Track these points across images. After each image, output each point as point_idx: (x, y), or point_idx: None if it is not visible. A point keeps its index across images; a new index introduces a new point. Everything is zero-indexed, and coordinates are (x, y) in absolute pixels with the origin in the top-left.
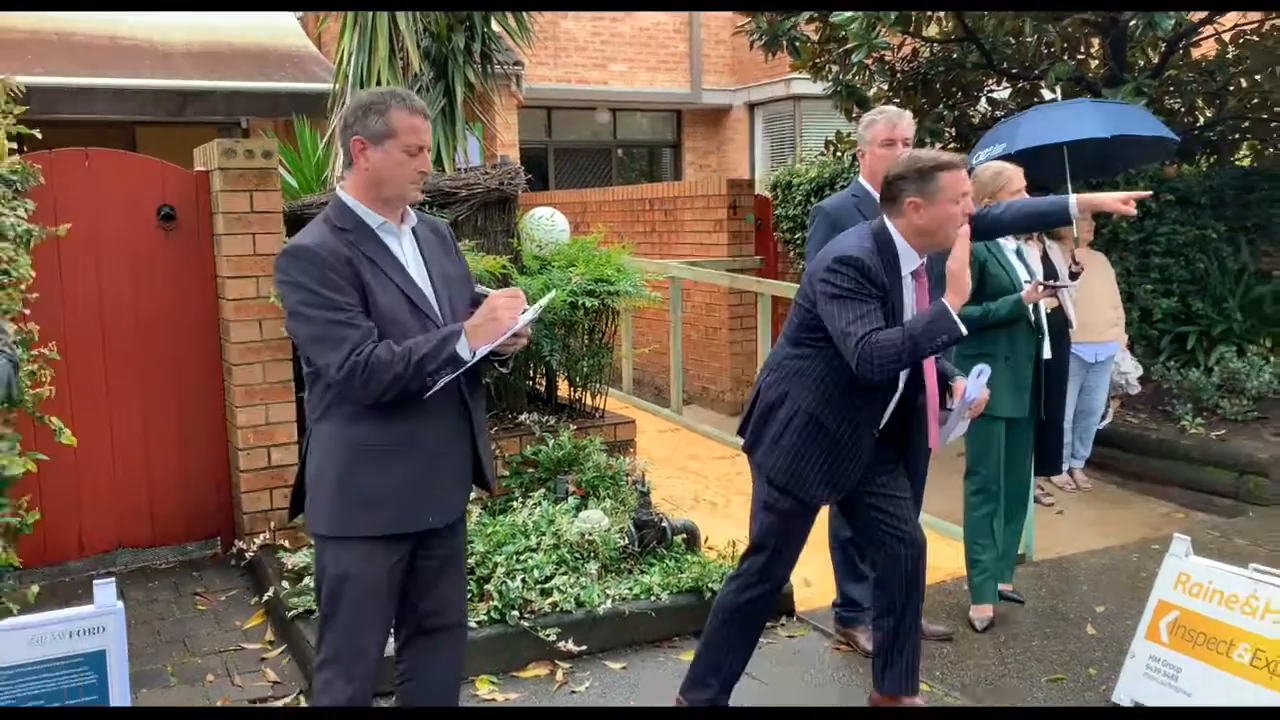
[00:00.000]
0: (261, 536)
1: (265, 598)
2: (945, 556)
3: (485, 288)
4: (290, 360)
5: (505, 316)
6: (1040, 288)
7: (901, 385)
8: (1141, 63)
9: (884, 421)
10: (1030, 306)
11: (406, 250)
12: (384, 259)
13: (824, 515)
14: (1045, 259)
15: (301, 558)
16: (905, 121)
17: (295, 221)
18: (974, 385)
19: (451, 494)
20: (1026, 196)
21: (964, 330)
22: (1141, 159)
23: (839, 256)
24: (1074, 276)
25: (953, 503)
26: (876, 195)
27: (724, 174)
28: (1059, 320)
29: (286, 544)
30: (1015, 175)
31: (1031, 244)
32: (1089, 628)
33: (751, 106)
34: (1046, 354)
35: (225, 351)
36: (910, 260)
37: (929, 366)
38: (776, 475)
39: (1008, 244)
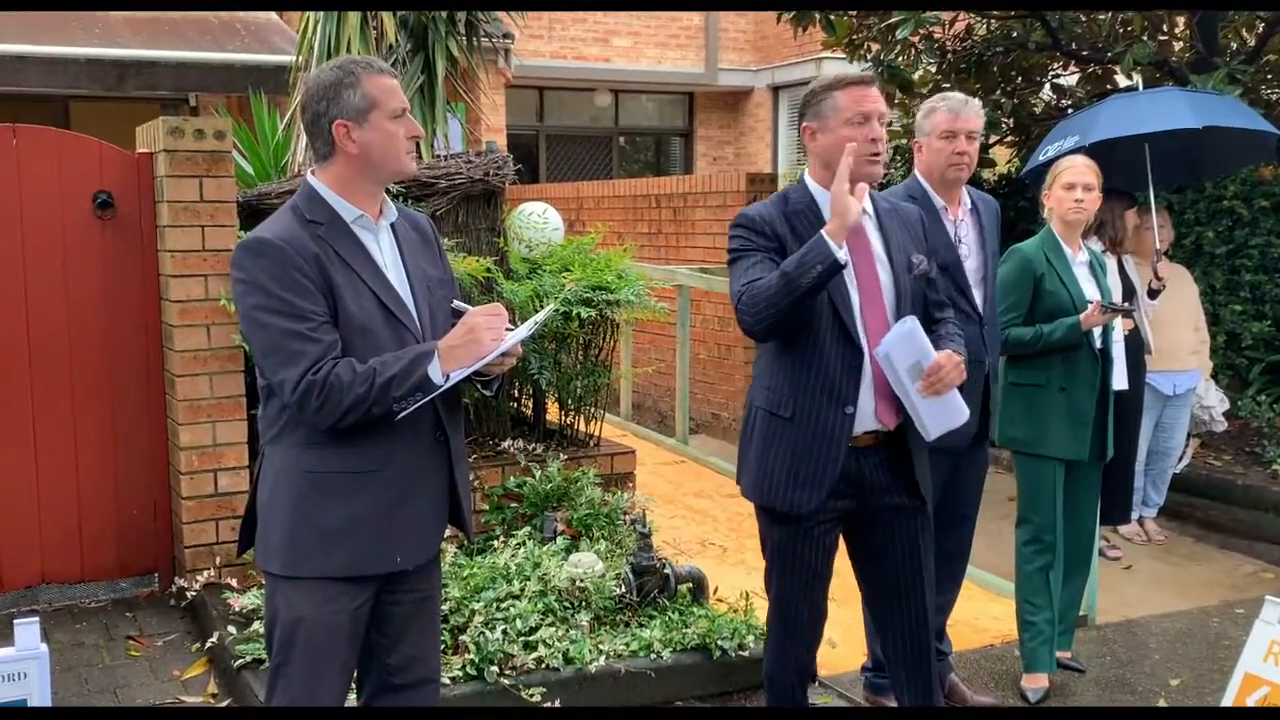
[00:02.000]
0: (205, 573)
1: (208, 644)
2: (994, 616)
3: (461, 303)
4: (242, 372)
5: (486, 339)
6: (1102, 309)
7: (867, 348)
8: (1235, 45)
9: (861, 399)
10: (1097, 331)
11: (384, 249)
12: (358, 259)
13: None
14: (1121, 273)
15: (251, 599)
16: (970, 111)
17: (251, 213)
18: (895, 341)
19: (423, 531)
20: (1080, 200)
21: (840, 257)
22: (1233, 160)
23: (731, 221)
24: (1153, 295)
25: (1003, 554)
26: (934, 193)
27: (742, 167)
28: (1133, 345)
29: (234, 583)
30: (1071, 165)
31: (1105, 255)
32: (1160, 702)
33: (776, 90)
34: (1117, 384)
35: (168, 361)
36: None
37: (875, 323)
38: (753, 492)
39: (1078, 254)
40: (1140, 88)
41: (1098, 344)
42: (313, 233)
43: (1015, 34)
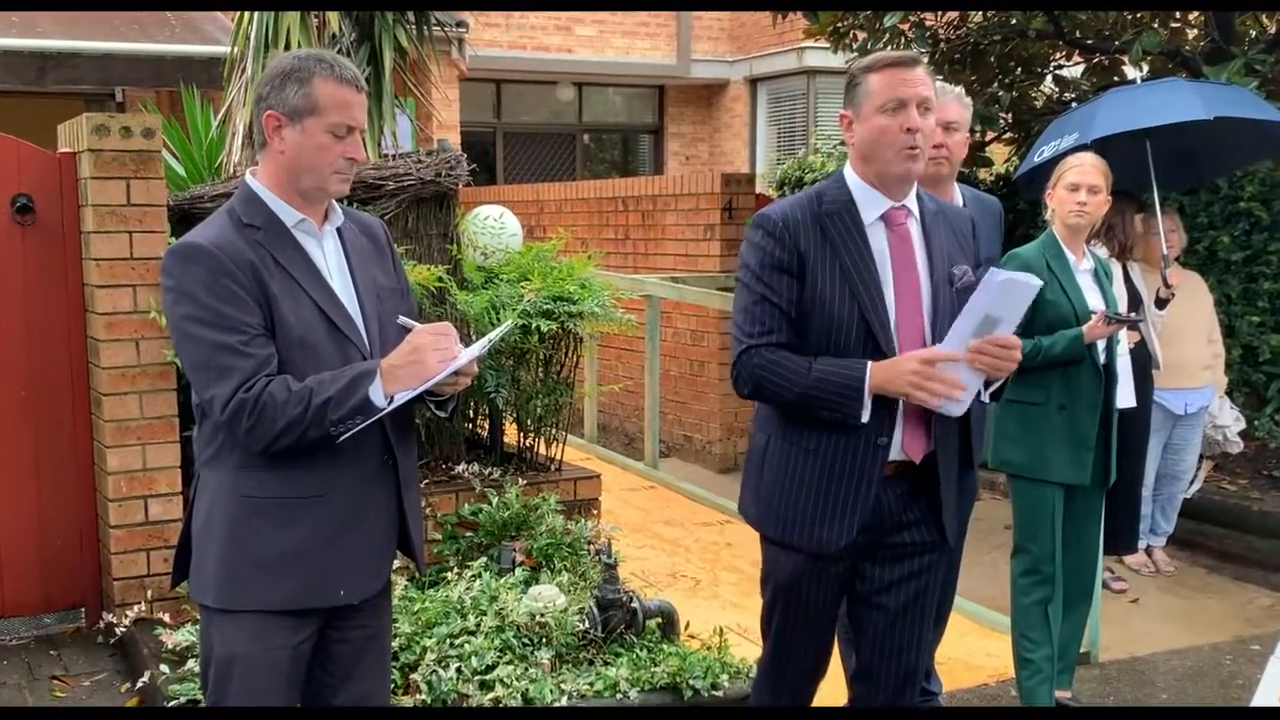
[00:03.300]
0: (136, 608)
1: (139, 684)
2: (988, 653)
3: (407, 319)
4: (175, 390)
5: (432, 360)
6: (1107, 321)
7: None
8: (1254, 33)
9: (895, 431)
10: (1101, 344)
11: (329, 256)
12: (299, 266)
13: None
14: (1127, 281)
15: (185, 635)
16: (947, 98)
17: (183, 218)
18: (1009, 282)
19: (369, 562)
20: (1083, 202)
21: (863, 415)
22: (1245, 156)
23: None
24: (1161, 305)
25: (999, 586)
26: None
27: (717, 167)
28: (1140, 359)
29: (167, 618)
30: (1077, 164)
31: (1111, 262)
32: None
33: (753, 82)
34: (1123, 402)
35: (94, 378)
36: (873, 203)
37: (910, 343)
38: (768, 525)
39: (1082, 261)
40: (1139, 80)
41: (1101, 358)
42: (249, 238)
43: (1014, 21)
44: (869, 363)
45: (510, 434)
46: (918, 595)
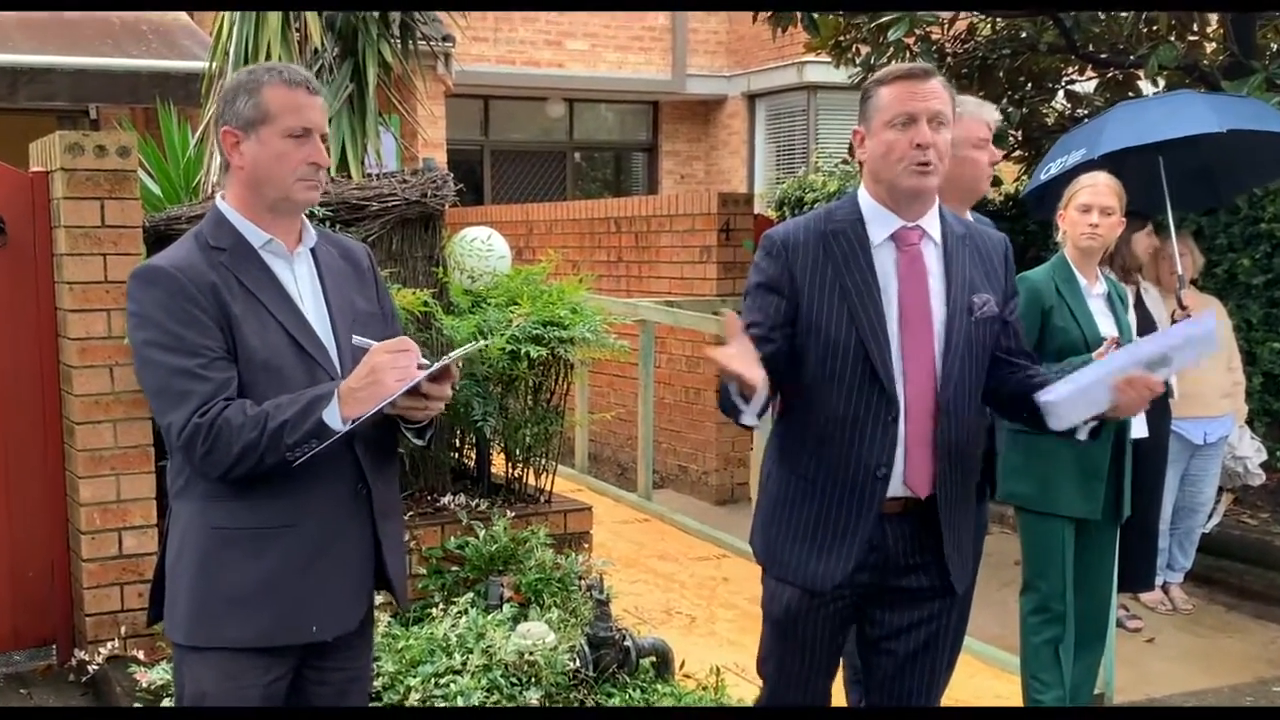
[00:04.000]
0: (109, 645)
1: None
2: (997, 695)
3: (363, 339)
4: (149, 419)
5: (389, 379)
6: (1117, 347)
7: (903, 399)
8: (1275, 46)
9: (897, 464)
10: None
11: (301, 277)
12: (265, 287)
13: None
14: (1140, 306)
15: (160, 673)
16: (987, 114)
17: (159, 239)
18: (1206, 328)
19: (343, 596)
20: (1095, 224)
21: (748, 422)
22: (1266, 173)
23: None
24: None
25: (1008, 625)
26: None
27: (714, 186)
28: None
29: (141, 655)
30: (1090, 184)
31: (1121, 285)
32: None
33: (752, 98)
34: (1137, 432)
35: (66, 406)
36: (883, 223)
37: (918, 372)
38: (765, 557)
39: (1094, 285)
40: (1160, 93)
41: None
42: (214, 260)
43: (1024, 34)
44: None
45: (498, 464)
46: (928, 643)
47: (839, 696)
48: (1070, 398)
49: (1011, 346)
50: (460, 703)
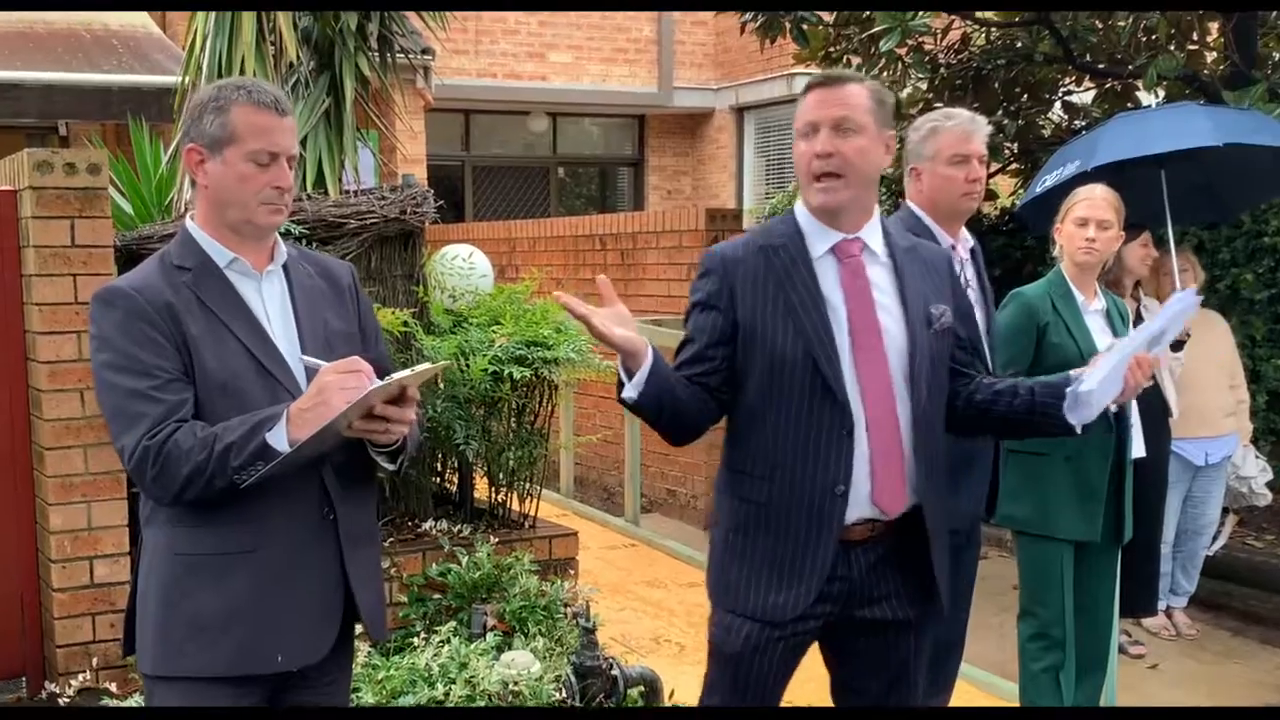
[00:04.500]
0: (81, 677)
1: None
2: None
3: (313, 359)
4: None
5: (337, 400)
6: None
7: (863, 413)
8: (1278, 55)
9: (855, 476)
10: None
11: (269, 297)
12: (228, 307)
13: None
14: (1138, 321)
15: (132, 706)
16: (983, 132)
17: (130, 259)
18: (1184, 304)
19: (309, 625)
20: (1091, 239)
21: (629, 394)
22: (1271, 187)
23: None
24: (1177, 346)
25: (1007, 651)
26: (939, 228)
27: (701, 201)
28: (1154, 406)
29: (113, 688)
30: (1087, 197)
31: (1124, 300)
32: None
33: (740, 111)
34: (1137, 452)
35: (36, 431)
36: (821, 236)
37: (874, 383)
38: (720, 591)
39: (1092, 301)
40: (1153, 107)
41: (1128, 403)
42: (175, 280)
43: (1020, 44)
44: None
45: (481, 489)
46: (900, 677)
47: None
48: (1101, 385)
49: (965, 359)
50: None
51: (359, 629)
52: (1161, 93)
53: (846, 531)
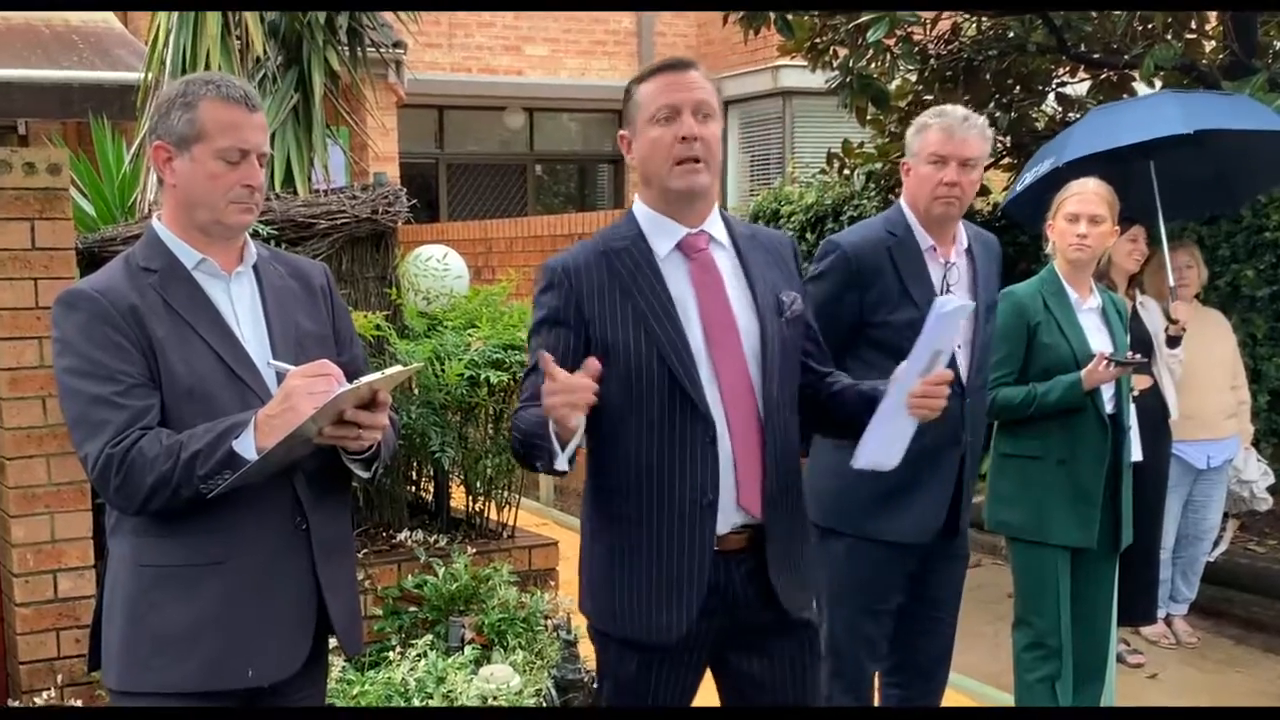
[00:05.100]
0: (45, 695)
1: None
2: None
3: (281, 364)
4: None
5: (305, 405)
6: (1109, 364)
7: (724, 415)
8: (1278, 44)
9: (721, 483)
10: (1107, 391)
11: (239, 298)
12: (195, 309)
13: None
14: (1134, 319)
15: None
16: (970, 132)
17: (93, 262)
18: (953, 311)
19: (281, 639)
20: (1083, 235)
21: (559, 462)
22: (1272, 175)
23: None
24: (1172, 344)
25: (1003, 661)
26: (921, 229)
27: None
28: (1153, 408)
29: (79, 705)
30: (1078, 191)
31: (1120, 297)
32: None
33: (724, 105)
34: (1135, 455)
35: None
36: (665, 233)
37: (732, 380)
38: (601, 616)
39: (1086, 299)
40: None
41: (1107, 407)
42: (141, 282)
43: (1012, 34)
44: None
45: (458, 498)
46: (799, 679)
47: None
48: (881, 448)
49: (813, 350)
50: None
51: (333, 643)
52: (1159, 83)
53: (722, 541)
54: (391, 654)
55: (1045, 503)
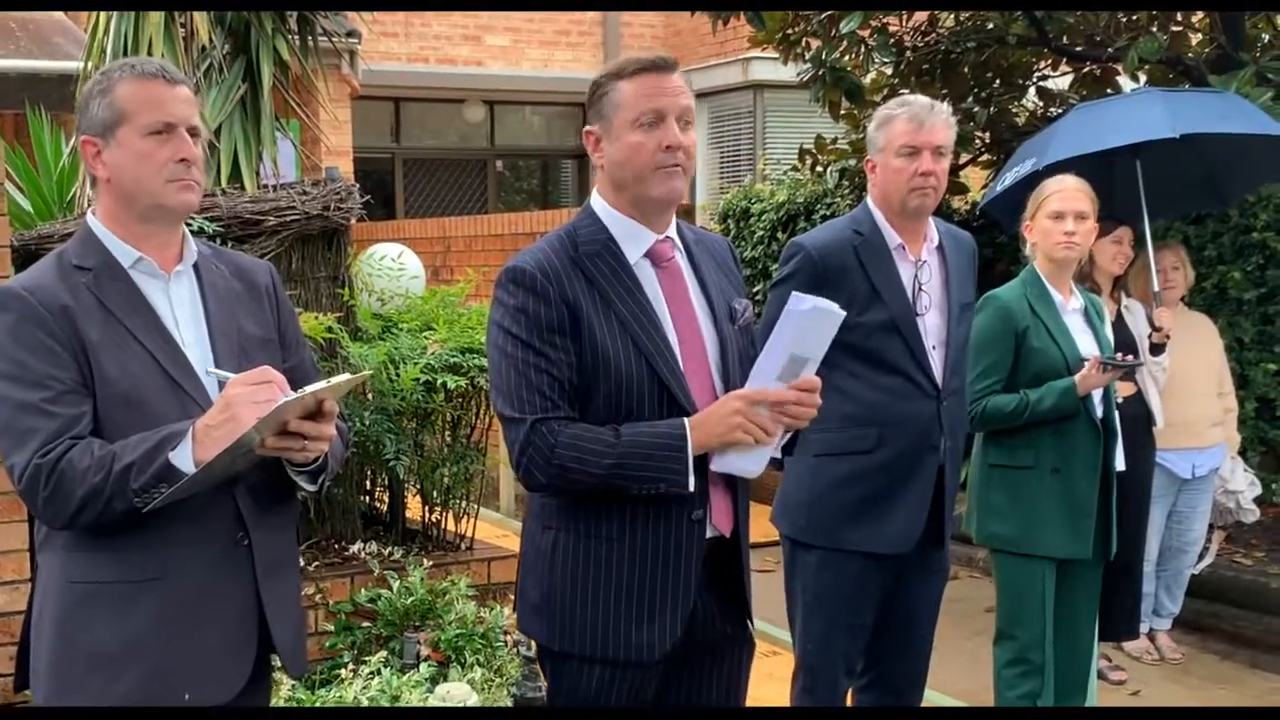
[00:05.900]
0: None
1: None
2: None
3: (221, 371)
4: None
5: (247, 415)
6: (1102, 367)
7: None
8: (1267, 37)
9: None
10: (1097, 396)
11: (178, 300)
12: (131, 311)
13: None
14: (1119, 323)
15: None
16: (937, 119)
17: (29, 260)
18: (816, 311)
19: (221, 659)
20: (1070, 232)
21: (689, 482)
22: (1265, 172)
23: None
24: (1157, 350)
25: (979, 676)
26: (889, 226)
27: None
28: (1134, 414)
29: None
30: (1059, 189)
31: (1104, 300)
32: None
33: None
34: (1119, 464)
35: None
36: (635, 238)
37: (699, 391)
38: (568, 638)
39: (1070, 300)
40: (1143, 90)
41: (1098, 412)
42: (74, 281)
43: (991, 26)
44: (684, 419)
45: (413, 508)
46: (728, 692)
47: None
48: (740, 455)
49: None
50: None
51: (278, 661)
52: (1143, 77)
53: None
54: (344, 671)
55: (1038, 513)
